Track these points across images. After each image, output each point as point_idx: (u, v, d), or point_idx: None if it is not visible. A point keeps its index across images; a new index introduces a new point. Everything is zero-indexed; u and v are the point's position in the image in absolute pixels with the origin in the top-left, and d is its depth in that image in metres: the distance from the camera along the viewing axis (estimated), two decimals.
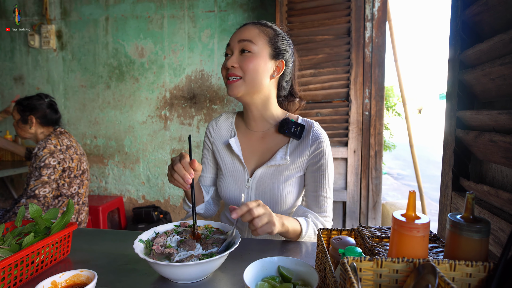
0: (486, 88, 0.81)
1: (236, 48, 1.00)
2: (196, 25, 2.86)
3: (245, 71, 0.98)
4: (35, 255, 0.79)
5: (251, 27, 1.02)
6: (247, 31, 1.01)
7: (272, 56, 1.02)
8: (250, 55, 0.98)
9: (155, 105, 3.00)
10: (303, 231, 0.97)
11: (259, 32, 1.01)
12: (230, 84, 1.01)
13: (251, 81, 1.00)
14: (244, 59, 0.99)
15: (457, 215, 0.56)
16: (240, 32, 1.02)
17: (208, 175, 1.23)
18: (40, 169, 1.73)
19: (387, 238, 0.77)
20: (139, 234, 0.89)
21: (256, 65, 0.99)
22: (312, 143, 1.05)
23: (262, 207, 0.83)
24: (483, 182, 0.89)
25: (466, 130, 0.88)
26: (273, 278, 0.71)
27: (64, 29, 3.07)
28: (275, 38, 1.03)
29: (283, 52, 1.04)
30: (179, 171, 0.85)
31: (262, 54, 1.00)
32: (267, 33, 1.02)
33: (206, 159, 1.22)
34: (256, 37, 1.00)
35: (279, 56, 1.04)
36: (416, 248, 0.54)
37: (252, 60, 0.98)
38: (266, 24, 1.05)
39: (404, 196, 5.86)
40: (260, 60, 0.99)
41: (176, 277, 0.75)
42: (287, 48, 1.06)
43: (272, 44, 1.02)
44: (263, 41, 1.00)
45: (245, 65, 0.98)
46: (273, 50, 1.02)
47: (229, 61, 0.99)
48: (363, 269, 0.52)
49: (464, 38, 0.91)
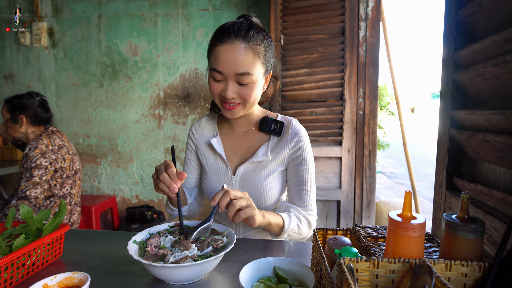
0: (480, 88, 0.82)
1: (232, 78, 0.93)
2: (190, 24, 2.84)
3: (245, 100, 0.97)
4: (26, 257, 0.78)
5: (245, 52, 0.90)
6: (241, 59, 0.90)
7: (264, 74, 1.00)
8: (250, 85, 0.94)
9: (148, 104, 2.97)
10: (285, 224, 0.99)
11: (253, 56, 0.92)
12: (229, 110, 0.99)
13: (251, 105, 1.00)
14: (244, 90, 0.94)
15: (452, 215, 0.56)
16: (233, 61, 0.90)
17: (191, 176, 1.22)
18: (31, 170, 1.70)
19: (383, 238, 0.77)
20: (133, 235, 0.88)
21: (256, 92, 0.97)
22: (292, 138, 1.07)
23: (240, 192, 0.85)
24: (476, 181, 0.90)
25: (460, 130, 0.88)
26: (269, 279, 0.71)
27: (55, 26, 3.02)
28: (266, 55, 0.97)
29: (271, 64, 1.03)
30: (165, 181, 0.84)
31: (259, 79, 0.97)
32: (260, 53, 0.94)
33: (189, 161, 1.22)
34: (253, 65, 0.92)
35: (269, 69, 1.02)
36: (412, 248, 0.54)
37: (253, 90, 0.95)
38: (255, 39, 0.93)
39: (397, 194, 5.92)
40: (259, 86, 0.98)
41: (171, 278, 0.75)
42: (272, 56, 1.03)
43: (265, 63, 0.97)
44: (258, 66, 0.94)
45: (246, 96, 0.95)
46: (265, 68, 0.99)
47: (229, 92, 0.93)
48: (360, 270, 0.52)
49: (457, 38, 0.92)
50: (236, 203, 0.83)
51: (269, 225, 0.95)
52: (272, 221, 0.96)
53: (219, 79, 0.94)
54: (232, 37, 0.90)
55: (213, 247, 0.80)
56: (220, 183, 1.11)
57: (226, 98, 0.95)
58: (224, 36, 0.91)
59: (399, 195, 5.84)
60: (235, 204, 0.83)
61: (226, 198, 0.82)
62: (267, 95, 1.18)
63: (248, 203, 0.86)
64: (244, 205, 0.84)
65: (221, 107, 1.01)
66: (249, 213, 0.85)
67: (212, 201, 0.83)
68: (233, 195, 0.83)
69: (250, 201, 0.87)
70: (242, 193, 0.86)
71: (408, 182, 6.92)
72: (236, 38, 0.90)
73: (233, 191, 0.84)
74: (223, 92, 0.95)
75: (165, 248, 0.80)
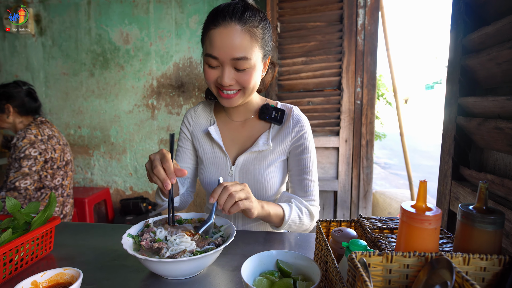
0: (491, 73, 0.78)
1: (228, 64, 0.87)
2: (184, 11, 2.75)
3: (244, 86, 0.91)
4: (14, 252, 0.73)
5: (241, 34, 0.85)
6: (238, 43, 0.84)
7: (263, 59, 0.94)
8: (248, 71, 0.89)
9: (141, 93, 2.89)
10: (286, 215, 0.95)
11: (251, 39, 0.86)
12: (228, 98, 0.93)
13: (250, 92, 0.95)
14: (242, 75, 0.89)
15: (469, 206, 0.53)
16: (229, 45, 0.84)
17: (185, 166, 1.17)
18: (20, 160, 1.64)
19: (389, 229, 0.74)
20: (127, 227, 0.84)
21: (255, 78, 0.92)
22: (293, 127, 1.03)
23: (239, 185, 0.82)
24: (484, 170, 0.87)
25: (468, 118, 0.85)
26: (272, 273, 0.68)
27: (42, 13, 2.91)
28: (263, 38, 0.91)
29: (270, 47, 0.97)
30: (159, 176, 0.77)
31: (257, 63, 0.91)
32: (257, 35, 0.88)
33: (183, 149, 1.16)
34: (250, 49, 0.86)
35: (268, 54, 0.97)
36: (427, 241, 0.50)
37: (251, 75, 0.90)
38: (252, 21, 0.87)
39: (392, 185, 5.95)
40: (257, 71, 0.92)
41: (168, 273, 0.71)
42: (271, 39, 0.97)
43: (263, 47, 0.92)
44: (256, 49, 0.89)
45: (245, 82, 0.90)
46: (263, 53, 0.93)
47: (226, 79, 0.87)
48: (372, 264, 0.49)
49: (467, 21, 0.88)
50: (235, 195, 0.79)
51: (268, 216, 0.92)
52: (272, 212, 0.92)
53: (214, 65, 0.89)
54: (227, 19, 0.84)
55: (214, 245, 0.76)
56: (219, 173, 1.07)
57: (223, 85, 0.89)
58: (218, 18, 0.85)
59: (393, 185, 5.88)
60: (234, 196, 0.79)
61: (225, 195, 0.78)
62: (265, 82, 1.13)
63: (247, 196, 0.82)
64: (243, 197, 0.81)
65: (218, 95, 0.95)
66: (247, 205, 0.81)
67: (211, 197, 0.79)
68: (232, 190, 0.79)
69: (249, 193, 0.83)
70: (241, 185, 0.82)
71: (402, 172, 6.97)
72: (231, 20, 0.84)
73: (232, 186, 0.80)
74: (220, 79, 0.89)
75: (160, 241, 0.76)
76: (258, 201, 0.88)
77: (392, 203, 3.00)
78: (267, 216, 0.92)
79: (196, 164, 1.18)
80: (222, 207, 0.79)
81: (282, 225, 0.97)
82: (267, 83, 1.13)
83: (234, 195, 0.79)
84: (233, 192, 0.79)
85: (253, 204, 0.84)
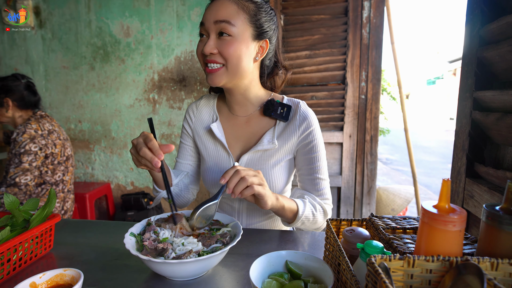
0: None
1: (212, 30, 0.87)
2: (185, 3, 2.69)
3: (226, 58, 0.87)
4: (12, 252, 0.71)
5: (228, 2, 0.86)
6: (223, 8, 0.86)
7: (254, 37, 0.90)
8: (229, 39, 0.86)
9: (142, 87, 2.85)
10: (299, 210, 0.91)
11: (238, 9, 0.86)
12: (210, 73, 0.90)
13: (234, 68, 0.89)
14: (223, 43, 0.86)
15: (495, 206, 0.49)
16: (215, 9, 0.87)
17: (185, 162, 1.13)
18: (20, 156, 1.61)
19: (402, 229, 0.71)
20: (129, 225, 0.81)
21: (238, 50, 0.87)
22: (300, 123, 0.98)
23: (252, 170, 0.79)
24: (500, 168, 0.84)
25: (485, 112, 0.81)
26: (281, 275, 0.65)
27: (42, 5, 2.85)
28: (256, 15, 0.89)
29: (266, 30, 0.92)
30: (146, 156, 0.75)
31: (244, 37, 0.87)
32: (247, 9, 0.88)
33: (184, 145, 1.13)
34: (235, 16, 0.86)
35: (263, 36, 0.92)
36: (451, 244, 0.47)
37: (233, 45, 0.86)
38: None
39: (394, 180, 5.93)
40: (242, 44, 0.88)
41: (173, 274, 0.68)
42: (271, 24, 0.94)
43: (254, 22, 0.89)
44: (243, 20, 0.87)
45: (225, 51, 0.86)
46: (255, 30, 0.90)
47: (207, 46, 0.86)
48: (392, 269, 0.46)
49: (485, 11, 0.84)
50: (248, 179, 0.76)
51: (282, 209, 0.88)
52: (286, 205, 0.88)
53: (203, 35, 0.90)
54: None
55: (222, 244, 0.73)
56: (222, 172, 1.03)
57: (205, 53, 0.87)
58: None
59: (395, 181, 5.85)
60: (247, 180, 0.76)
61: (237, 177, 0.76)
62: (276, 85, 1.08)
63: (261, 182, 0.79)
64: (256, 183, 0.77)
65: (205, 71, 0.93)
66: (260, 191, 0.78)
67: (222, 178, 0.76)
68: (245, 174, 0.76)
69: (263, 180, 0.80)
70: (255, 171, 0.79)
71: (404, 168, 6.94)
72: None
73: (245, 170, 0.77)
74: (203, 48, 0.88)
75: (165, 241, 0.73)
76: (273, 193, 0.84)
77: (396, 200, 2.97)
78: (281, 209, 0.88)
79: (198, 162, 1.15)
80: (232, 190, 0.76)
81: (295, 221, 0.93)
82: (277, 86, 1.09)
83: (247, 178, 0.76)
84: (246, 176, 0.76)
85: (267, 192, 0.80)
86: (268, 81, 1.08)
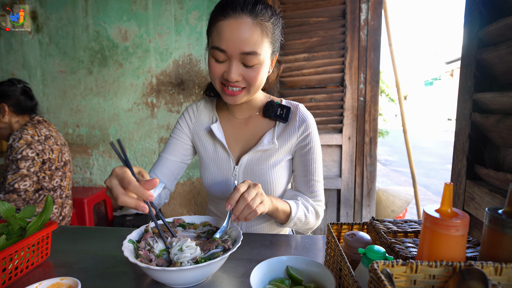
0: (511, 67, 0.74)
1: (236, 58, 0.82)
2: (183, 7, 2.69)
3: (250, 84, 0.86)
4: (7, 261, 0.69)
5: (252, 28, 0.80)
6: (248, 36, 0.79)
7: (271, 55, 0.90)
8: (256, 67, 0.84)
9: (141, 91, 2.85)
10: (292, 212, 0.92)
11: (261, 33, 0.82)
12: (231, 95, 0.88)
13: (255, 90, 0.90)
14: (250, 72, 0.84)
15: (498, 210, 0.49)
16: (239, 37, 0.79)
17: (171, 158, 1.06)
18: (17, 162, 1.60)
19: (403, 233, 0.71)
20: (128, 231, 0.80)
21: (262, 75, 0.87)
22: (299, 125, 0.99)
23: (252, 188, 0.77)
24: (501, 170, 0.83)
25: (485, 114, 0.81)
26: (282, 281, 0.64)
27: (39, 9, 2.85)
28: (274, 32, 0.86)
29: (279, 44, 0.93)
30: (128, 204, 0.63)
31: (266, 60, 0.86)
32: (268, 30, 0.84)
33: (175, 140, 1.08)
34: (260, 44, 0.82)
35: (276, 52, 0.92)
36: (454, 249, 0.46)
37: (259, 73, 0.85)
38: (264, 15, 0.82)
39: (393, 182, 5.92)
40: (265, 68, 0.88)
41: (172, 282, 0.67)
42: (280, 35, 0.92)
43: (273, 43, 0.87)
44: (267, 44, 0.84)
45: (252, 79, 0.85)
46: (273, 50, 0.89)
47: (232, 74, 0.82)
48: (395, 275, 0.45)
49: (483, 13, 0.83)
50: (253, 205, 0.75)
51: (276, 211, 0.88)
52: (279, 207, 0.89)
53: (221, 60, 0.83)
54: (238, 11, 0.79)
55: (224, 249, 0.72)
56: (222, 173, 1.02)
57: (230, 81, 0.84)
58: (228, 9, 0.80)
59: (395, 183, 5.85)
60: (251, 207, 0.75)
61: (242, 205, 0.74)
62: (270, 81, 1.08)
63: (262, 199, 0.78)
64: (258, 203, 0.77)
65: (222, 91, 0.90)
66: (262, 210, 0.78)
67: (228, 204, 0.74)
68: (249, 199, 0.75)
69: (263, 195, 0.80)
70: (255, 189, 0.77)
71: (403, 169, 6.95)
72: (242, 11, 0.79)
73: (248, 193, 0.75)
74: (226, 74, 0.84)
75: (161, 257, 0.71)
76: (267, 196, 0.84)
77: (396, 201, 2.97)
78: (275, 211, 0.88)
79: (185, 161, 1.11)
80: (237, 217, 0.76)
81: (287, 222, 0.93)
82: (271, 81, 1.08)
83: (251, 205, 0.75)
84: (251, 203, 0.75)
85: (266, 206, 0.80)
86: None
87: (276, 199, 0.89)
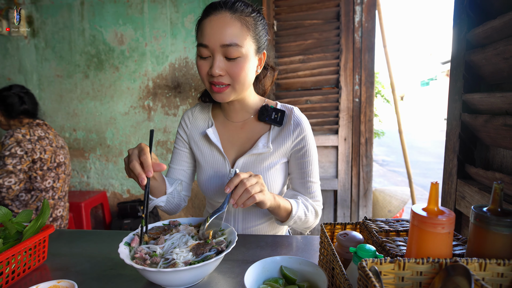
0: (498, 68, 0.76)
1: (219, 52, 0.84)
2: (179, 10, 2.71)
3: (235, 79, 0.88)
4: (4, 265, 0.70)
5: (231, 21, 0.83)
6: (228, 28, 0.83)
7: (256, 52, 0.91)
8: (239, 60, 0.85)
9: (137, 95, 2.85)
10: (293, 210, 0.94)
11: (241, 26, 0.84)
12: (217, 92, 0.90)
13: (241, 86, 0.91)
14: (232, 66, 0.85)
15: (483, 207, 0.50)
16: (219, 31, 0.83)
17: (178, 168, 1.12)
18: (5, 158, 1.63)
19: (395, 231, 0.72)
20: (124, 234, 0.81)
21: (245, 70, 0.88)
22: (294, 129, 1.01)
23: (254, 177, 0.81)
24: (490, 169, 0.85)
25: (474, 115, 0.82)
26: (276, 281, 0.65)
27: (35, 14, 2.86)
28: (256, 28, 0.88)
29: (264, 42, 0.94)
30: (134, 170, 0.76)
31: (249, 55, 0.87)
32: (249, 24, 0.86)
33: (178, 151, 1.13)
34: (241, 36, 0.84)
35: (262, 49, 0.94)
36: (441, 246, 0.48)
37: (242, 67, 0.86)
38: (243, 11, 0.86)
39: (390, 182, 5.95)
40: (249, 63, 0.88)
41: (168, 283, 0.68)
42: (265, 32, 0.94)
43: (256, 38, 0.89)
44: (249, 38, 0.86)
45: (236, 73, 0.86)
46: (256, 45, 0.90)
47: (215, 69, 0.84)
48: (383, 272, 0.46)
49: (471, 16, 0.85)
50: (251, 190, 0.78)
51: (278, 208, 0.90)
52: (281, 205, 0.90)
53: (205, 56, 0.86)
54: (218, 9, 0.84)
55: (217, 251, 0.73)
56: (218, 176, 1.04)
57: (213, 75, 0.86)
58: (210, 9, 0.86)
59: (392, 183, 5.87)
60: (250, 191, 0.78)
61: (241, 189, 0.77)
62: (265, 87, 1.10)
63: (262, 188, 0.81)
64: (258, 191, 0.79)
65: (210, 90, 0.92)
66: (261, 198, 0.80)
67: (227, 187, 0.78)
68: (248, 184, 0.78)
69: (263, 185, 0.82)
70: (256, 177, 0.80)
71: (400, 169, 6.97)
72: (222, 9, 0.84)
73: (248, 180, 0.78)
74: (210, 70, 0.86)
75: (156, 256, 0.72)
76: (270, 192, 0.87)
77: (392, 201, 2.99)
78: (277, 208, 0.90)
79: (192, 168, 1.15)
80: (236, 201, 0.78)
81: (288, 220, 0.95)
82: (267, 87, 1.10)
83: (250, 190, 0.78)
84: (249, 188, 0.78)
85: (266, 196, 0.82)
86: (259, 83, 1.09)
87: (278, 196, 0.91)
